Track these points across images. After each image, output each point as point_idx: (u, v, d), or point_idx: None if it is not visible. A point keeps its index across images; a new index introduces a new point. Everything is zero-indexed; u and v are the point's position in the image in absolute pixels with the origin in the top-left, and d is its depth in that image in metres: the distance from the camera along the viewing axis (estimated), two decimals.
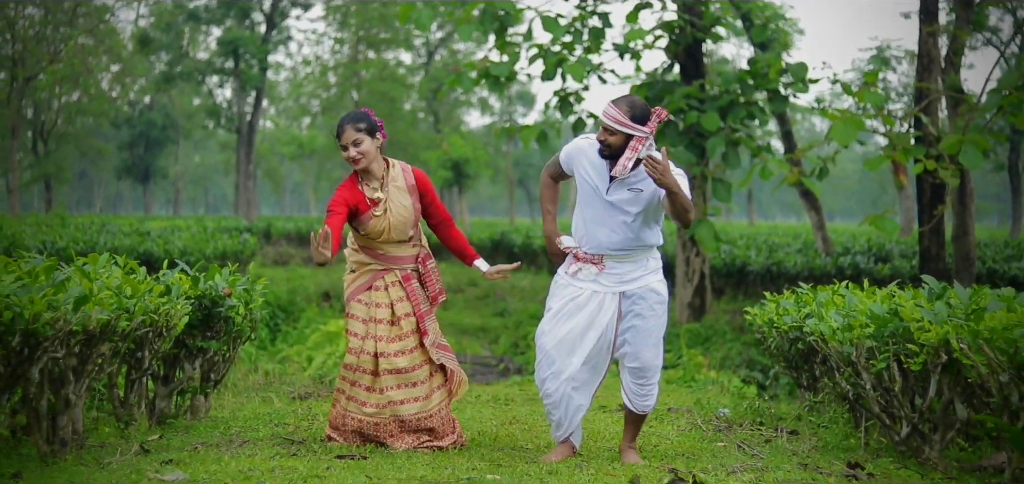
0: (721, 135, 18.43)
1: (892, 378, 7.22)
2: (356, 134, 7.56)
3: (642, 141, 7.02)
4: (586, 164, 7.29)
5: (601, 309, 7.31)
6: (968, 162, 14.65)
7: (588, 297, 7.32)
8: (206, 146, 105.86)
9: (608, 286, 7.31)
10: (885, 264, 24.53)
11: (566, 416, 7.38)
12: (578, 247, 7.39)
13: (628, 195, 7.18)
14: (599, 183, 7.23)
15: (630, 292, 7.30)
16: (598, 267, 7.28)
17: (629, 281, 7.31)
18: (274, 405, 10.14)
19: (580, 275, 7.36)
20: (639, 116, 7.01)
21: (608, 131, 7.08)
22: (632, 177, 7.16)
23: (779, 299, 10.08)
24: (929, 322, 6.77)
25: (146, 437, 7.62)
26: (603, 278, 7.31)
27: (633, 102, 7.07)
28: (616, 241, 7.24)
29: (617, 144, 7.07)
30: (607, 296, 7.31)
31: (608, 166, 7.20)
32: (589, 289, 7.32)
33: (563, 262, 7.52)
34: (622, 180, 7.16)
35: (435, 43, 64.33)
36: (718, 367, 18.02)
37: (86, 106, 63.86)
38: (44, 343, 5.99)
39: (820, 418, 9.30)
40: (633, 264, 7.31)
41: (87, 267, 6.96)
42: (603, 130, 7.12)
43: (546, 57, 19.33)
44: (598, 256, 7.29)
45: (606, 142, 7.10)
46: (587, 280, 7.34)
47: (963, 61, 18.95)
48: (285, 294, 23.33)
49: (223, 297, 8.47)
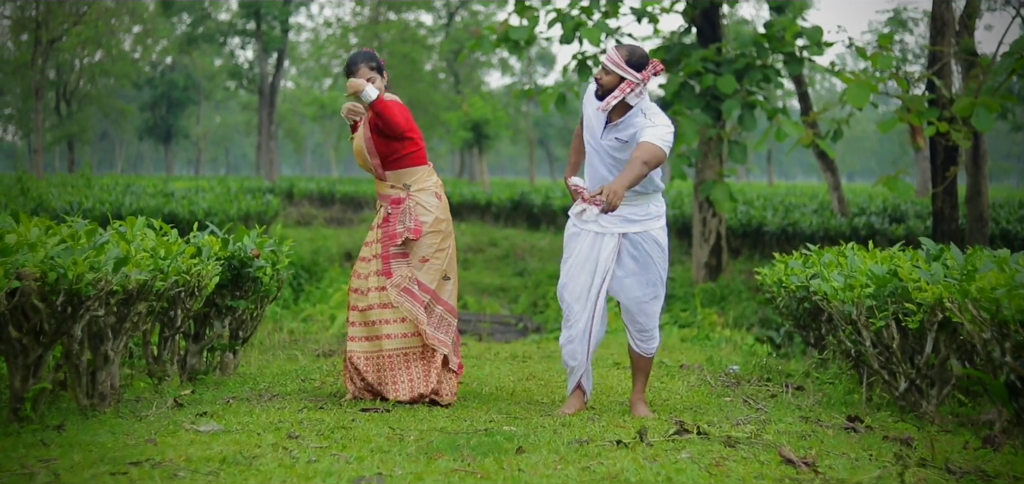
0: (737, 98, 18.63)
1: (891, 336, 7.53)
2: (370, 72, 8.02)
3: (632, 86, 7.31)
4: (589, 107, 7.60)
5: (599, 250, 7.58)
6: (980, 124, 14.79)
7: (591, 241, 7.60)
8: (227, 107, 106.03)
9: (609, 227, 7.55)
10: (900, 225, 24.73)
11: (574, 363, 7.69)
12: (585, 187, 7.67)
13: (616, 143, 7.47)
14: (596, 126, 7.53)
15: (631, 234, 7.54)
16: (600, 207, 7.38)
17: (632, 222, 7.54)
18: (299, 362, 10.47)
19: (585, 216, 7.64)
20: (635, 62, 7.31)
21: (604, 70, 7.39)
22: (620, 126, 7.44)
23: (788, 260, 10.37)
24: (926, 283, 7.06)
25: (179, 392, 7.95)
26: (605, 219, 7.55)
27: (633, 49, 7.38)
28: None
29: (610, 84, 7.35)
30: (607, 236, 7.56)
31: (606, 114, 7.51)
32: (592, 232, 7.60)
33: None
34: (613, 126, 7.44)
35: (455, 4, 64.49)
36: (732, 326, 18.28)
37: (109, 67, 64.05)
38: (86, 302, 6.37)
39: (826, 375, 9.59)
40: (635, 206, 7.54)
41: (124, 230, 7.33)
42: (601, 69, 7.43)
43: (565, 21, 19.58)
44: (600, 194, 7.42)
45: (600, 81, 7.40)
46: (590, 221, 7.61)
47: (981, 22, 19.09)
48: (308, 255, 23.67)
49: (252, 258, 8.81)
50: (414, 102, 59.64)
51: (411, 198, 8.05)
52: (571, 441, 6.33)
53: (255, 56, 64.09)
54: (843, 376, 9.28)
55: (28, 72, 52.58)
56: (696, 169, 21.83)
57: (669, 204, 32.01)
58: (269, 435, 6.28)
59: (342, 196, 45.07)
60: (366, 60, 8.04)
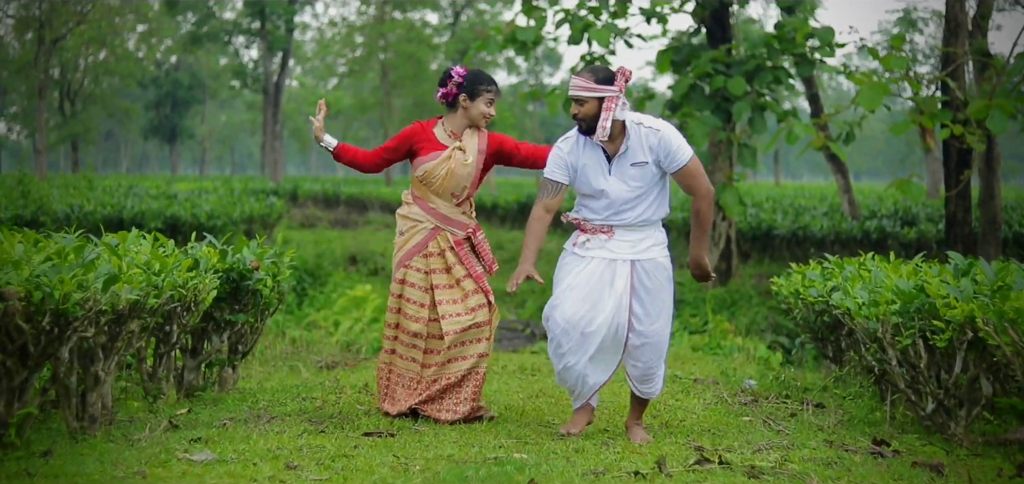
0: (747, 100, 18.37)
1: (918, 354, 7.22)
2: (497, 97, 7.85)
3: (614, 101, 7.01)
4: (579, 160, 7.22)
5: (615, 276, 7.20)
6: (994, 127, 14.58)
7: (601, 267, 7.22)
8: (232, 106, 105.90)
9: (619, 253, 7.21)
10: (911, 228, 24.49)
11: (584, 391, 7.35)
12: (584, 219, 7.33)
13: (632, 170, 7.14)
14: (599, 169, 7.18)
15: (641, 260, 7.23)
16: (608, 235, 7.21)
17: (641, 251, 7.23)
18: (301, 375, 10.20)
19: (589, 245, 7.28)
20: (603, 78, 7.03)
21: (578, 102, 7.06)
22: (628, 152, 7.13)
23: (805, 270, 10.07)
24: (955, 299, 6.75)
25: (174, 411, 7.66)
26: (613, 245, 7.22)
27: (594, 68, 7.09)
28: (629, 215, 7.20)
29: (590, 113, 7.04)
30: (619, 263, 7.20)
31: (602, 150, 7.17)
32: (600, 258, 7.23)
33: None
34: (621, 157, 7.13)
35: (462, 3, 64.18)
36: (744, 333, 18.01)
37: (113, 66, 63.92)
38: (74, 323, 6.04)
39: (845, 390, 9.30)
40: (642, 233, 7.26)
41: (116, 243, 7.01)
42: (574, 104, 7.09)
43: (573, 22, 19.31)
44: (608, 226, 7.23)
45: (579, 115, 7.09)
46: (597, 249, 7.25)
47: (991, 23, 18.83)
48: (312, 258, 23.34)
49: (251, 270, 8.50)
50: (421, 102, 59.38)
51: (480, 229, 8.02)
52: (586, 471, 6.03)
53: (260, 55, 63.83)
54: (865, 393, 8.97)
55: (31, 71, 52.39)
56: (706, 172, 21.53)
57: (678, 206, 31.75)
58: (266, 465, 5.97)
59: (347, 198, 44.87)
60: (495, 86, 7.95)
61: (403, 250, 7.93)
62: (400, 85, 59.72)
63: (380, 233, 34.81)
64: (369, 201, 43.72)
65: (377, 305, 18.57)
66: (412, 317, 7.82)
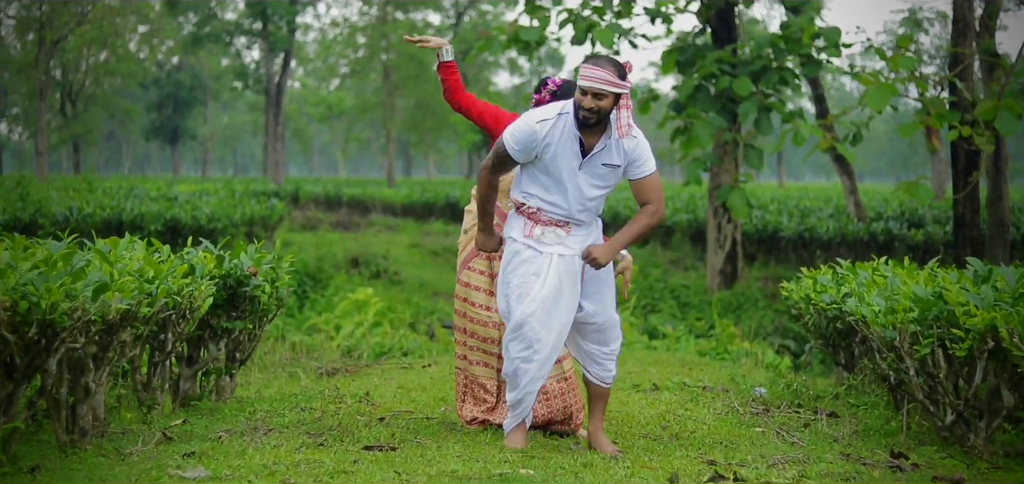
0: (753, 100, 18.20)
1: (937, 364, 6.99)
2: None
3: (628, 99, 6.80)
4: (553, 147, 6.89)
5: (572, 275, 7.01)
6: (1003, 128, 14.48)
7: (561, 266, 6.98)
8: (234, 107, 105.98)
9: (575, 249, 7.01)
10: (918, 230, 24.32)
11: (529, 400, 7.12)
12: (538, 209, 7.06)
13: (603, 170, 6.92)
14: (572, 159, 6.89)
15: None
16: (565, 230, 6.99)
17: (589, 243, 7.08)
18: (301, 383, 9.98)
19: (544, 239, 7.01)
20: (623, 73, 6.75)
21: (598, 96, 6.71)
22: (604, 150, 6.90)
23: (816, 274, 9.85)
24: (975, 307, 6.53)
25: (169, 422, 7.43)
26: (570, 241, 7.01)
27: (614, 61, 6.78)
28: (586, 212, 7.02)
29: (608, 108, 6.74)
30: (576, 259, 7.00)
31: (578, 141, 6.87)
32: (555, 254, 6.99)
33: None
34: (597, 155, 6.89)
35: (464, 4, 64.10)
36: (751, 337, 17.81)
37: (114, 67, 63.95)
38: (62, 333, 5.80)
39: (859, 399, 9.09)
40: (593, 228, 7.14)
41: (107, 249, 6.78)
42: (591, 97, 6.70)
43: (576, 22, 19.12)
44: (564, 221, 7.01)
45: (595, 108, 6.72)
46: (553, 244, 7.00)
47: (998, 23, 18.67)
48: (313, 261, 23.15)
49: (248, 276, 8.27)
50: (422, 103, 59.30)
51: None
52: None
53: (261, 56, 63.73)
54: (879, 402, 8.75)
55: (32, 73, 52.28)
56: (711, 173, 21.37)
57: (683, 209, 31.60)
58: (261, 483, 5.73)
59: (349, 199, 44.71)
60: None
61: (465, 251, 7.73)
62: (402, 86, 59.75)
63: (382, 235, 34.63)
64: (371, 202, 43.58)
65: (379, 309, 18.38)
66: (479, 321, 7.60)
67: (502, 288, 7.13)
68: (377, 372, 11.22)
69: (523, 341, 6.99)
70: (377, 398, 8.98)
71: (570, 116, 6.87)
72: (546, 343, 6.96)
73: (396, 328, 17.79)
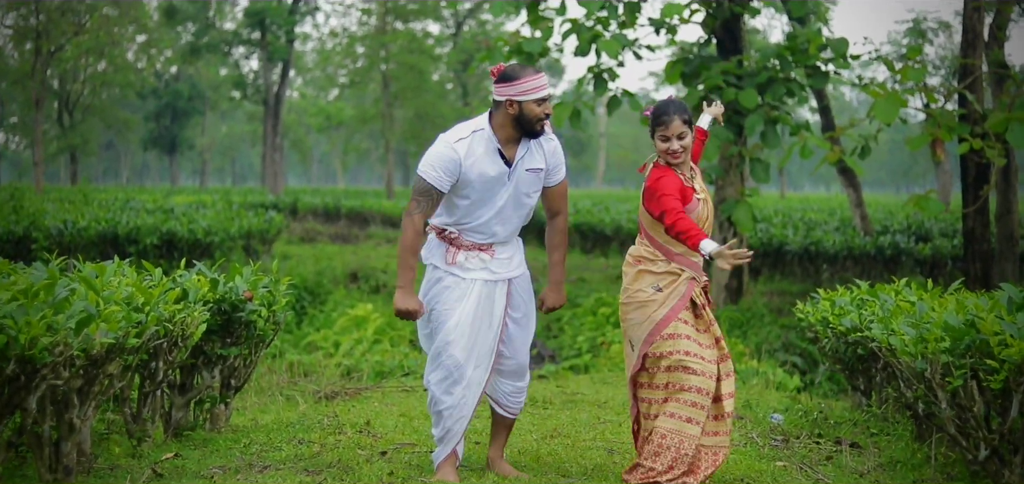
0: (760, 113, 17.87)
1: (969, 396, 6.62)
2: (682, 126, 6.71)
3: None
4: (475, 166, 6.68)
5: (494, 301, 6.83)
6: (1015, 140, 14.26)
7: (483, 292, 6.80)
8: (233, 117, 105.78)
9: (499, 273, 6.84)
10: (926, 244, 24.00)
11: (459, 429, 6.85)
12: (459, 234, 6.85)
13: (529, 176, 6.79)
14: (499, 175, 6.71)
15: (515, 278, 6.92)
16: (488, 253, 6.80)
17: (514, 266, 6.92)
18: (298, 408, 9.63)
19: (467, 264, 6.81)
20: None
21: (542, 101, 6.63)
22: (530, 157, 6.77)
23: (834, 296, 9.50)
24: (1011, 337, 6.16)
25: (160, 455, 7.08)
26: (494, 264, 6.83)
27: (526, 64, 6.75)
28: (511, 227, 6.88)
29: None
30: (499, 284, 6.84)
31: (499, 154, 6.70)
32: (479, 279, 6.80)
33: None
34: (520, 162, 6.73)
35: (464, 14, 63.80)
36: (758, 354, 17.47)
37: (112, 77, 63.71)
38: (42, 370, 5.43)
39: (881, 428, 8.74)
40: (515, 246, 6.98)
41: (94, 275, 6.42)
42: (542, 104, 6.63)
43: (580, 33, 18.77)
44: (487, 243, 6.81)
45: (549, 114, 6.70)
46: (477, 269, 6.81)
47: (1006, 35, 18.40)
48: (312, 275, 22.80)
49: (244, 301, 7.91)
50: (421, 114, 58.99)
51: None
52: None
53: (260, 66, 63.43)
54: (905, 433, 8.38)
55: (29, 82, 51.97)
56: (716, 187, 21.03)
57: None
58: None
59: (348, 211, 44.39)
60: (679, 112, 6.73)
61: (665, 308, 6.83)
62: (401, 96, 59.52)
63: (382, 248, 34.25)
64: (370, 215, 43.23)
65: (379, 325, 18.05)
66: (695, 372, 6.74)
67: (422, 317, 6.90)
68: (378, 396, 10.86)
69: (442, 370, 6.80)
70: (378, 428, 8.61)
71: (486, 131, 6.73)
72: (466, 372, 6.77)
73: (396, 345, 17.43)
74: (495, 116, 6.71)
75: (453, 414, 6.77)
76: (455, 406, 6.76)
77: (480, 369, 6.81)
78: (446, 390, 6.76)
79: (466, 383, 6.75)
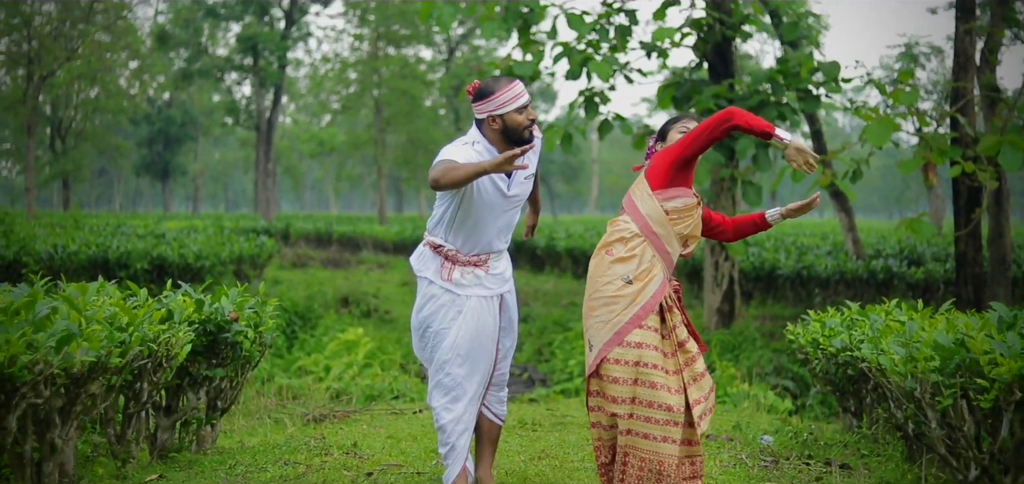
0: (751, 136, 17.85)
1: (959, 416, 6.57)
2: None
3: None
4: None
5: (489, 316, 6.79)
6: (1007, 163, 14.19)
7: (475, 306, 6.74)
8: (226, 143, 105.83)
9: (493, 288, 6.82)
10: (918, 268, 23.94)
11: (465, 440, 6.82)
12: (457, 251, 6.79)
13: (525, 182, 6.78)
14: (501, 183, 6.66)
15: (506, 293, 6.90)
16: (483, 269, 6.75)
17: (506, 280, 6.90)
18: (286, 431, 9.56)
19: (462, 281, 6.75)
20: None
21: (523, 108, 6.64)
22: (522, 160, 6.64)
23: (824, 317, 9.45)
24: (1001, 356, 6.12)
25: (144, 476, 7.02)
26: (488, 280, 6.80)
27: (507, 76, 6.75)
28: (507, 238, 6.88)
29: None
30: (493, 299, 6.82)
31: None
32: (475, 296, 6.75)
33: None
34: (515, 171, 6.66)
35: (456, 40, 63.83)
36: (749, 378, 17.42)
37: (104, 103, 63.61)
38: (22, 388, 5.36)
39: (871, 448, 8.68)
40: (505, 259, 6.95)
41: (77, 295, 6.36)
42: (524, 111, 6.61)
43: (571, 56, 18.74)
44: (482, 257, 6.77)
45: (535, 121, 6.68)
46: (471, 285, 6.75)
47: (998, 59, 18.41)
48: (303, 300, 22.73)
49: (230, 322, 7.86)
50: (413, 139, 58.96)
51: None
52: None
53: (252, 92, 63.44)
54: (895, 453, 8.33)
55: (20, 108, 51.84)
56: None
57: None
58: None
59: (340, 236, 44.33)
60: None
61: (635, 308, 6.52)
62: (394, 122, 59.51)
63: (373, 274, 34.19)
64: (362, 240, 43.18)
65: (369, 349, 17.98)
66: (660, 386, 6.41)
67: (417, 331, 6.88)
68: (366, 418, 10.79)
69: (442, 389, 6.77)
70: (365, 449, 8.55)
71: (483, 143, 6.69)
72: (467, 389, 6.75)
73: (387, 369, 17.36)
74: (483, 133, 6.66)
75: (456, 429, 6.73)
76: (457, 420, 6.73)
77: (479, 384, 6.78)
78: (447, 406, 6.74)
79: (467, 399, 6.73)
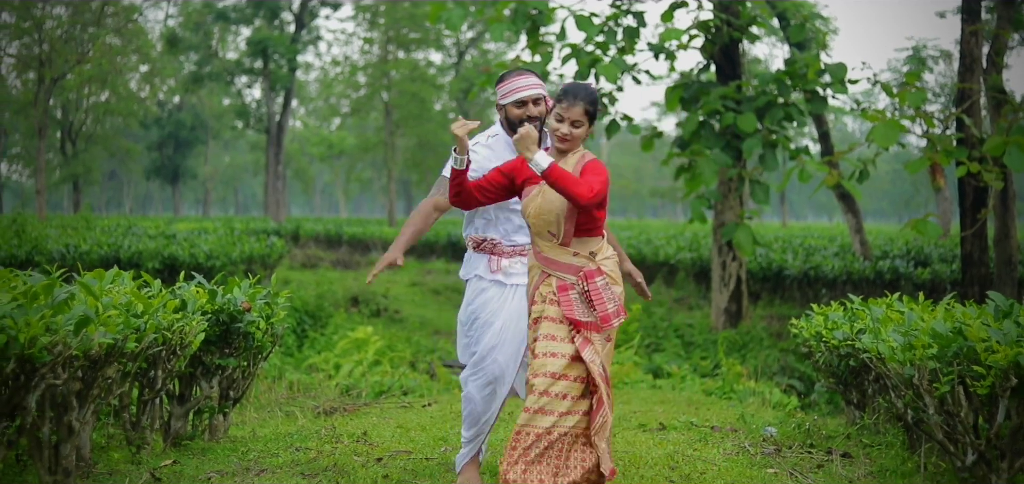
0: (758, 137, 17.95)
1: (957, 403, 6.70)
2: (582, 115, 6.26)
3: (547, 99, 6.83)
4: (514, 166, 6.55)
5: (522, 301, 6.82)
6: (1013, 164, 14.24)
7: (519, 294, 6.83)
8: (236, 146, 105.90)
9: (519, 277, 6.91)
10: (925, 269, 24.02)
11: (490, 427, 6.93)
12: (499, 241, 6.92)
13: None
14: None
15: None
16: (527, 257, 6.76)
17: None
18: (297, 422, 9.69)
19: (511, 270, 6.86)
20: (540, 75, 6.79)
21: (537, 102, 6.75)
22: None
23: (827, 311, 9.57)
24: (997, 343, 6.25)
25: (158, 462, 7.16)
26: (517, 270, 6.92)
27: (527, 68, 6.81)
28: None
29: (545, 111, 6.75)
30: (521, 287, 6.87)
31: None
32: (519, 284, 6.85)
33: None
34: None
35: (465, 43, 63.94)
36: (756, 376, 17.53)
37: (115, 106, 63.73)
38: (41, 369, 5.51)
39: (873, 439, 8.80)
40: None
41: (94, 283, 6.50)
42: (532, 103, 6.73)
43: (579, 57, 18.87)
44: (524, 246, 6.90)
45: (537, 115, 6.75)
46: (518, 274, 6.85)
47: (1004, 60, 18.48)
48: (313, 299, 22.86)
49: (242, 312, 8.00)
50: (424, 142, 59.07)
51: (602, 273, 6.35)
52: None
53: (262, 95, 63.55)
54: (894, 442, 8.45)
55: (31, 111, 52.01)
56: (715, 211, 21.10)
57: (686, 247, 31.36)
58: None
59: (349, 238, 44.42)
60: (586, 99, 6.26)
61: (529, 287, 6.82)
62: (404, 125, 59.59)
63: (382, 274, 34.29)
64: (371, 241, 43.26)
65: (379, 347, 18.11)
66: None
67: (464, 326, 6.96)
68: (376, 411, 10.94)
69: (485, 376, 6.78)
70: (375, 438, 8.70)
71: (500, 136, 6.87)
72: (507, 377, 6.79)
73: (396, 367, 17.49)
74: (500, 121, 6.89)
75: (490, 420, 6.84)
76: (494, 411, 6.83)
77: (514, 372, 6.81)
78: (487, 396, 6.80)
79: (505, 389, 6.79)
